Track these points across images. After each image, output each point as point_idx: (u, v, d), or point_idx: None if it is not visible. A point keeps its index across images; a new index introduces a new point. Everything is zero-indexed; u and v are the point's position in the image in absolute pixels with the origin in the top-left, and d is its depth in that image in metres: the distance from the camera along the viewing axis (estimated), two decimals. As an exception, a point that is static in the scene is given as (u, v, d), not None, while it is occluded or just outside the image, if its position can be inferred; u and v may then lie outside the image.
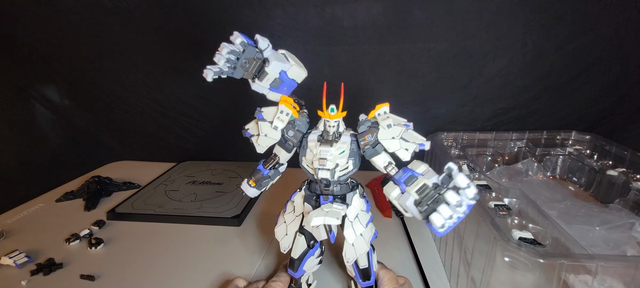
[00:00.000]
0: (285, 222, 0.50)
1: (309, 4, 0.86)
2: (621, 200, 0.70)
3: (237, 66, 0.43)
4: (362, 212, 0.47)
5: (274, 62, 0.43)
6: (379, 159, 0.44)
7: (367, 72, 0.93)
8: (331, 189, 0.46)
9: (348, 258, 0.46)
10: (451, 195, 0.35)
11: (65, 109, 1.12)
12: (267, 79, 0.44)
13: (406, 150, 0.43)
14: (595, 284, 0.42)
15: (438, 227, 0.36)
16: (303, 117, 0.47)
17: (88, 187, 0.91)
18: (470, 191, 0.34)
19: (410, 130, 0.44)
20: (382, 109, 0.44)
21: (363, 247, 0.46)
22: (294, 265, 0.50)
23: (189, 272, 0.63)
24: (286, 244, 0.49)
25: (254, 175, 0.48)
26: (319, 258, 0.52)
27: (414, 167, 0.41)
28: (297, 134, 0.46)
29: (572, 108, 0.92)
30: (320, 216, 0.41)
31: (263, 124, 0.46)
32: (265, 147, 0.47)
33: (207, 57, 0.44)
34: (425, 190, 0.38)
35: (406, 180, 0.40)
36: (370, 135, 0.44)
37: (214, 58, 0.43)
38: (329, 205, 0.44)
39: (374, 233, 0.48)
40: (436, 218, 0.35)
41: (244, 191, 0.49)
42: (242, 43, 0.43)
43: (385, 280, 0.50)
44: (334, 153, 0.43)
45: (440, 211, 0.35)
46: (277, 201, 0.49)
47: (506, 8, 0.81)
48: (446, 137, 0.88)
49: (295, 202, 0.50)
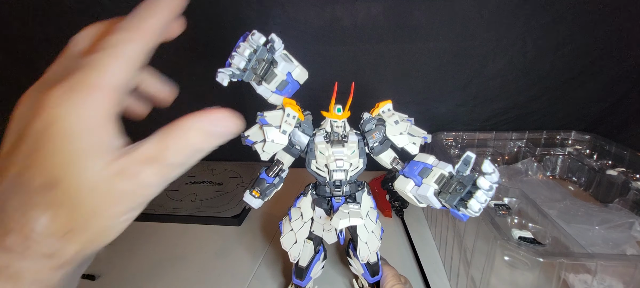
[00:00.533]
0: (293, 230, 0.48)
1: (309, 3, 0.86)
2: (621, 200, 0.70)
3: (249, 68, 0.41)
4: (371, 209, 0.47)
5: (283, 63, 0.42)
6: (386, 156, 0.45)
7: (367, 72, 0.93)
8: (342, 190, 0.45)
9: (363, 256, 0.46)
10: (484, 181, 0.36)
11: (65, 108, 1.12)
12: (274, 81, 0.42)
13: (414, 144, 0.43)
14: (594, 283, 0.42)
15: (476, 211, 0.36)
16: (308, 119, 0.45)
17: (88, 187, 0.91)
18: (495, 176, 0.36)
19: (413, 124, 0.45)
20: (386, 106, 0.45)
21: (375, 243, 0.46)
22: (301, 274, 0.49)
23: (188, 271, 0.63)
24: (296, 253, 0.48)
25: (257, 185, 0.45)
26: (323, 262, 0.52)
27: (422, 159, 0.42)
28: (304, 137, 0.44)
29: (572, 108, 0.92)
30: (345, 218, 0.40)
31: (269, 129, 0.42)
32: (271, 153, 0.43)
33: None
34: (443, 180, 0.39)
35: (420, 172, 0.40)
36: (378, 133, 0.44)
37: (232, 60, 0.40)
38: (345, 206, 0.43)
39: (381, 228, 0.48)
40: (475, 205, 0.36)
41: (248, 203, 0.45)
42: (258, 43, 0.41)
43: (389, 276, 0.50)
44: (347, 153, 0.43)
45: (478, 197, 0.36)
46: (278, 200, 0.48)
47: (506, 8, 0.82)
48: (446, 136, 0.88)
49: (302, 208, 0.48)
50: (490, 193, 0.36)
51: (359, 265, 0.49)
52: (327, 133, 0.45)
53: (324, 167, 0.44)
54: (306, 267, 0.49)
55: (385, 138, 0.44)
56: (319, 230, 0.48)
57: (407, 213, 0.78)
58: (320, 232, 0.48)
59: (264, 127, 0.42)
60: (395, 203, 0.80)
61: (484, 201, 0.36)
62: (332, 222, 0.40)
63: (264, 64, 0.42)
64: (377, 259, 0.49)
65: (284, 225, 0.49)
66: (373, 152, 0.45)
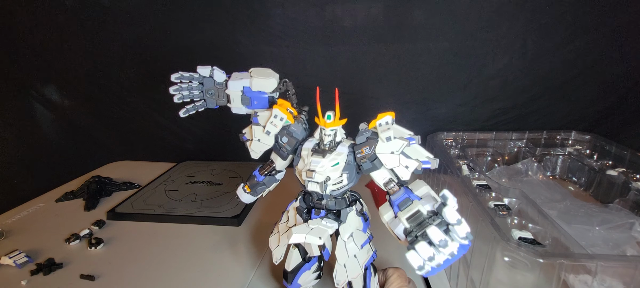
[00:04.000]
0: (278, 232, 0.46)
1: (309, 3, 0.86)
2: (621, 200, 0.70)
3: (208, 98, 0.49)
4: (358, 232, 0.43)
5: (231, 82, 0.47)
6: (378, 175, 0.39)
7: (367, 72, 0.93)
8: (324, 203, 0.42)
9: (338, 280, 0.41)
10: (434, 231, 0.29)
11: (65, 109, 1.12)
12: (233, 99, 0.47)
13: (406, 168, 0.37)
14: (594, 284, 0.42)
15: (414, 267, 0.30)
16: (299, 123, 0.44)
17: (88, 187, 0.91)
18: (461, 229, 0.29)
19: (414, 144, 0.38)
20: (384, 119, 0.39)
21: (355, 269, 0.41)
22: (287, 278, 0.47)
23: (188, 271, 0.63)
24: (278, 255, 0.46)
25: (249, 181, 0.47)
26: (316, 273, 0.49)
27: (414, 188, 0.37)
28: (291, 141, 0.43)
29: (572, 108, 0.92)
30: (301, 233, 0.38)
31: (256, 129, 0.44)
32: (259, 152, 0.45)
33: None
34: (419, 218, 0.33)
35: (401, 203, 0.36)
36: (368, 148, 0.39)
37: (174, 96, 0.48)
38: (317, 221, 0.41)
39: (371, 255, 0.43)
40: (412, 257, 0.30)
41: (239, 196, 0.47)
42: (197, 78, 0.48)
43: (394, 276, 0.48)
44: (325, 165, 0.39)
45: (417, 249, 0.30)
46: (278, 202, 0.48)
47: (506, 8, 0.81)
48: (446, 136, 0.88)
49: (289, 213, 0.47)
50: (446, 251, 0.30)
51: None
52: (318, 141, 0.42)
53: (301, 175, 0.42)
54: (291, 272, 0.47)
55: (376, 156, 0.39)
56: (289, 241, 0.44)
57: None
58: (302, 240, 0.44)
59: (253, 126, 0.44)
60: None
61: (428, 257, 0.30)
62: (288, 232, 0.38)
63: (217, 89, 0.48)
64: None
65: (275, 226, 0.49)
66: (361, 169, 0.40)
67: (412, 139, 0.38)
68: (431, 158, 0.37)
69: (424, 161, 0.37)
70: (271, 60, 0.92)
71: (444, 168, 0.71)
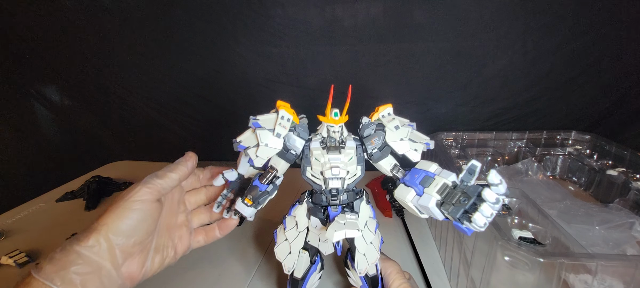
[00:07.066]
0: (287, 240, 0.45)
1: (309, 3, 0.86)
2: (621, 200, 0.70)
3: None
4: (370, 219, 0.45)
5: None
6: (386, 162, 0.43)
7: (367, 72, 0.93)
8: (339, 198, 0.43)
9: (361, 269, 0.43)
10: (490, 193, 0.34)
11: (65, 109, 1.12)
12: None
13: (415, 151, 0.41)
14: (595, 283, 0.42)
15: (481, 226, 0.34)
16: (303, 122, 0.43)
17: (88, 187, 0.91)
18: (502, 187, 0.33)
19: (414, 129, 0.43)
20: (386, 110, 0.42)
21: (374, 255, 0.43)
22: (297, 286, 0.47)
23: (188, 272, 0.63)
24: (290, 264, 0.45)
25: (250, 193, 0.42)
26: (319, 273, 0.50)
27: (424, 167, 0.40)
28: (299, 142, 0.42)
29: (572, 108, 0.92)
30: (341, 230, 0.37)
31: (262, 132, 0.40)
32: (265, 158, 0.41)
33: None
34: (446, 190, 0.36)
35: (422, 180, 0.38)
36: (377, 138, 0.42)
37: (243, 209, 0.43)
38: (342, 215, 0.41)
39: (380, 239, 0.46)
40: (479, 219, 0.34)
41: (240, 211, 0.42)
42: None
43: (393, 273, 0.48)
44: (344, 160, 0.40)
45: (483, 210, 0.34)
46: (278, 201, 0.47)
47: (506, 8, 0.82)
48: (446, 136, 0.88)
49: (297, 217, 0.45)
50: (497, 207, 0.34)
51: (357, 277, 0.47)
52: (323, 138, 0.42)
53: (320, 174, 0.42)
54: (301, 279, 0.46)
55: (385, 144, 0.42)
56: (315, 240, 0.45)
57: (407, 213, 0.78)
58: (315, 242, 0.45)
59: (257, 131, 0.40)
60: (395, 204, 0.80)
61: (490, 215, 0.34)
62: (326, 233, 0.38)
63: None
64: (376, 271, 0.47)
65: (278, 234, 0.47)
66: (372, 158, 0.43)
67: (412, 125, 0.43)
68: (429, 139, 0.43)
69: (427, 143, 0.42)
70: (271, 60, 0.92)
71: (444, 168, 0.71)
